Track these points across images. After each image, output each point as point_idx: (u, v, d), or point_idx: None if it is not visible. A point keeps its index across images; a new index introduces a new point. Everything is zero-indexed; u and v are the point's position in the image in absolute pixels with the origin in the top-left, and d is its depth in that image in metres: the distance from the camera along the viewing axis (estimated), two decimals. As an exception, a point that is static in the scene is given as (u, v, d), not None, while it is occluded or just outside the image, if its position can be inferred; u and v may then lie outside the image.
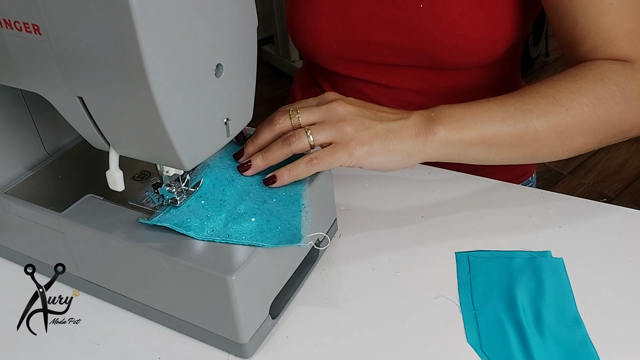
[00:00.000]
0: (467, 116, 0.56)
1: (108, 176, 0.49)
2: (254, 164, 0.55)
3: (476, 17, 0.68)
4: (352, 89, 0.81)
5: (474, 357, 0.50)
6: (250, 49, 0.49)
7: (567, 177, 1.96)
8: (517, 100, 0.57)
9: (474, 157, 0.58)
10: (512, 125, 0.56)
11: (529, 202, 0.66)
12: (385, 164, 0.56)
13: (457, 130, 0.56)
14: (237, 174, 0.55)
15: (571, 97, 0.57)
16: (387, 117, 0.57)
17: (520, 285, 0.56)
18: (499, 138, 0.57)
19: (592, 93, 0.57)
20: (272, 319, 0.53)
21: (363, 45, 0.75)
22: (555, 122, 0.56)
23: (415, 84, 0.77)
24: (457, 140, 0.56)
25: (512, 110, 0.57)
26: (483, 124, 0.56)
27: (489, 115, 0.56)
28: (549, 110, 0.56)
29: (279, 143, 0.54)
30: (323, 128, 0.54)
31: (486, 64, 0.74)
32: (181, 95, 0.42)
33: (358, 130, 0.55)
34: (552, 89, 0.57)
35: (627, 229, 0.62)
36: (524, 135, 0.57)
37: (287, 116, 0.56)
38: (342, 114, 0.55)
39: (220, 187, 0.53)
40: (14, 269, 0.61)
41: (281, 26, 2.47)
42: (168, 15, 0.38)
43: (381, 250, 0.61)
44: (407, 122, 0.56)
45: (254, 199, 0.53)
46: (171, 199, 0.53)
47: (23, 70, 0.45)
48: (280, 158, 0.54)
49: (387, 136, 0.55)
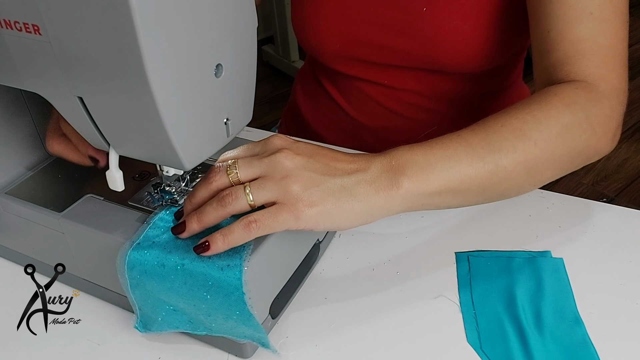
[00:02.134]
0: (431, 162, 0.49)
1: (108, 176, 0.49)
2: (189, 227, 0.47)
3: (478, 23, 0.68)
4: (354, 88, 0.82)
5: (474, 357, 0.50)
6: (250, 49, 0.49)
7: (567, 177, 1.95)
8: (482, 137, 0.51)
9: (439, 205, 0.51)
10: (481, 167, 0.50)
11: (529, 202, 0.66)
12: (340, 225, 0.48)
13: (422, 180, 0.48)
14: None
15: (539, 128, 0.52)
16: (342, 170, 0.48)
17: (520, 285, 0.56)
18: (466, 183, 0.50)
19: (560, 121, 0.53)
20: (272, 319, 0.53)
21: (365, 46, 0.75)
22: (524, 158, 0.51)
23: (417, 85, 0.77)
24: (422, 191, 0.48)
25: (479, 150, 0.50)
26: (449, 170, 0.49)
27: (454, 159, 0.50)
28: (518, 146, 0.51)
29: (213, 203, 0.46)
30: (264, 185, 0.46)
31: (487, 69, 0.74)
32: (181, 95, 0.42)
33: (307, 189, 0.46)
34: (518, 120, 0.52)
35: (627, 229, 0.62)
36: (493, 176, 0.51)
37: (225, 172, 0.47)
38: (288, 168, 0.46)
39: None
40: (14, 269, 0.61)
41: (281, 26, 2.47)
42: (168, 15, 0.38)
43: (381, 250, 0.61)
44: (365, 176, 0.48)
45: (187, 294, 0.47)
46: (171, 199, 0.53)
47: (23, 70, 0.45)
48: (216, 220, 0.47)
49: (342, 194, 0.47)
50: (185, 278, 0.46)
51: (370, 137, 0.84)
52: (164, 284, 0.46)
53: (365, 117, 0.83)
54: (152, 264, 0.46)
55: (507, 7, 0.68)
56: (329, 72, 0.84)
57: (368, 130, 0.84)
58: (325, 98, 0.87)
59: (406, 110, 0.80)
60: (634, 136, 2.10)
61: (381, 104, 0.81)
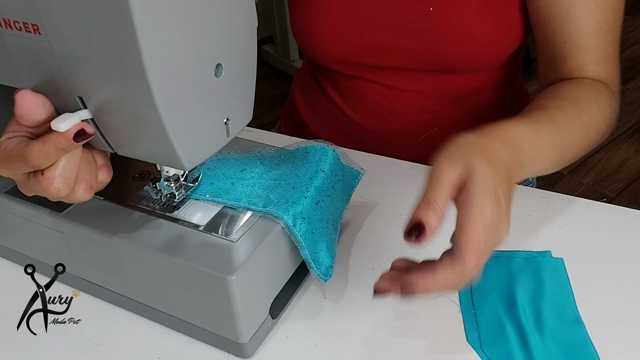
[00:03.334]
0: (542, 157, 0.54)
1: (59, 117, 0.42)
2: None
3: (485, 22, 0.69)
4: (355, 89, 0.81)
5: (474, 357, 0.50)
6: (250, 49, 0.49)
7: (567, 177, 1.95)
8: (570, 137, 0.58)
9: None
10: (559, 162, 0.58)
11: (529, 202, 0.66)
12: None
13: (529, 171, 0.53)
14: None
15: (596, 128, 0.61)
16: (513, 185, 0.48)
17: (520, 285, 0.56)
18: (549, 169, 0.58)
19: (606, 122, 0.62)
20: (272, 319, 0.53)
21: (371, 49, 0.74)
22: (577, 156, 0.61)
23: (420, 85, 0.77)
24: (527, 174, 0.54)
25: (565, 152, 0.58)
26: (544, 165, 0.56)
27: (551, 159, 0.56)
28: (583, 146, 0.60)
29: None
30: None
31: (490, 67, 0.74)
32: (181, 95, 0.42)
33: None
34: (587, 117, 0.60)
35: (627, 229, 0.62)
36: (558, 168, 0.59)
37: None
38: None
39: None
40: (14, 269, 0.61)
41: (281, 26, 2.47)
42: (168, 15, 0.38)
43: (381, 250, 0.61)
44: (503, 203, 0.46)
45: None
46: (169, 193, 0.53)
47: (23, 70, 0.45)
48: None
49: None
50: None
51: (369, 139, 0.84)
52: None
53: (365, 118, 0.83)
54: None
55: (512, 4, 0.68)
56: (330, 74, 0.83)
57: (367, 132, 0.84)
58: (324, 100, 0.87)
59: (407, 112, 0.80)
60: (634, 136, 2.09)
61: (382, 106, 0.80)
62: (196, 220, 0.51)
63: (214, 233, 0.50)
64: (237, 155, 0.58)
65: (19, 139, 0.44)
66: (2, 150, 0.44)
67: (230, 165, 0.56)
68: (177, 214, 0.52)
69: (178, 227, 0.51)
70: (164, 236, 0.50)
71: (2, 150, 0.44)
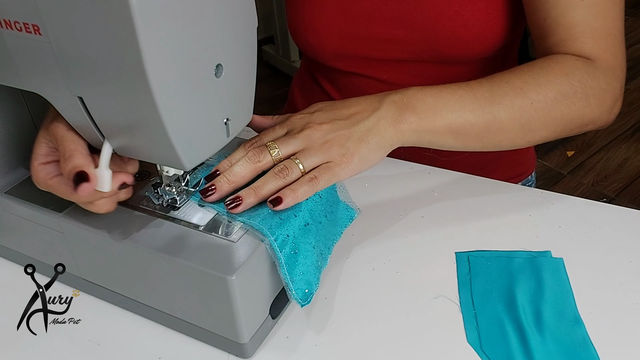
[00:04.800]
0: (438, 104, 0.57)
1: (96, 175, 0.46)
2: (246, 202, 0.51)
3: (477, 8, 0.69)
4: (353, 85, 0.82)
5: (474, 357, 0.50)
6: (250, 49, 0.49)
7: (567, 177, 1.96)
8: (486, 89, 0.58)
9: (442, 145, 0.59)
10: (480, 116, 0.58)
11: (529, 202, 0.66)
12: (375, 161, 0.56)
13: (429, 119, 0.56)
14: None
15: (537, 90, 0.58)
16: (362, 116, 0.56)
17: (520, 285, 0.56)
18: (466, 128, 0.58)
19: (557, 87, 0.59)
20: (272, 319, 0.53)
21: (365, 41, 0.75)
22: (520, 115, 0.58)
23: (416, 79, 0.78)
24: (429, 128, 0.57)
25: (482, 100, 0.58)
26: (453, 113, 0.57)
27: (459, 104, 0.57)
28: (516, 103, 0.58)
29: (270, 178, 0.52)
30: (310, 154, 0.54)
31: (485, 59, 0.74)
32: (181, 95, 0.42)
33: (343, 145, 0.54)
34: (520, 80, 0.59)
35: (627, 229, 0.62)
36: (490, 126, 0.58)
37: (266, 152, 0.54)
38: (322, 137, 0.55)
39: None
40: (14, 269, 0.61)
41: (281, 26, 2.47)
42: (168, 15, 0.38)
43: (381, 250, 0.61)
44: (381, 113, 0.56)
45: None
46: (171, 198, 0.53)
47: (23, 70, 0.45)
48: (275, 191, 0.52)
49: (369, 136, 0.55)
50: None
51: None
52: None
53: None
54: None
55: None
56: (327, 71, 0.84)
57: None
58: (323, 98, 0.87)
59: None
60: (634, 136, 2.10)
61: None
62: (196, 221, 0.51)
63: (214, 233, 0.50)
64: None
65: (56, 171, 0.49)
66: (42, 180, 0.49)
67: None
68: (177, 214, 0.52)
69: (178, 227, 0.51)
70: (164, 236, 0.50)
71: (42, 180, 0.49)
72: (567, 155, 2.04)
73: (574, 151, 2.05)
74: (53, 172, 0.49)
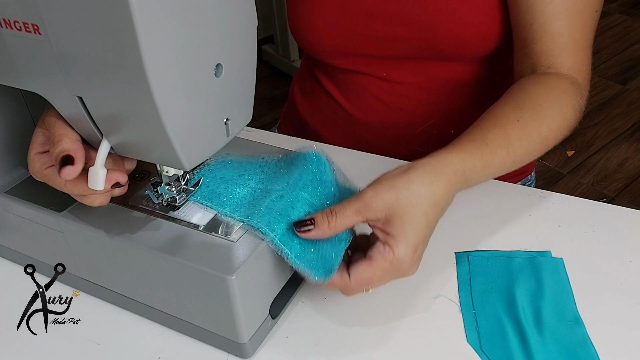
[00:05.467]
0: (484, 172, 0.55)
1: (90, 173, 0.46)
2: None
3: (475, 6, 0.69)
4: (353, 83, 0.82)
5: (474, 357, 0.50)
6: (250, 49, 0.49)
7: (566, 177, 1.95)
8: (524, 149, 0.58)
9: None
10: (512, 163, 0.58)
11: (528, 201, 0.66)
12: None
13: (470, 184, 0.55)
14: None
15: (556, 137, 0.60)
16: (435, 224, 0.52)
17: (520, 285, 0.56)
18: (500, 173, 0.58)
19: (568, 124, 0.61)
20: (272, 319, 0.53)
21: (364, 39, 0.75)
22: (537, 155, 0.60)
23: (415, 77, 0.78)
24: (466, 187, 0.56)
25: (517, 161, 0.58)
26: (490, 175, 0.57)
27: (498, 169, 0.57)
28: (539, 151, 0.60)
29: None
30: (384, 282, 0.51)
31: (485, 57, 0.74)
32: (181, 95, 0.42)
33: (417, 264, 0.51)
34: (547, 129, 0.59)
35: (627, 229, 0.62)
36: (514, 165, 0.59)
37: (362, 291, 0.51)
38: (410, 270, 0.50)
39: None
40: (14, 269, 0.61)
41: (281, 26, 2.47)
42: (168, 15, 0.38)
43: (381, 250, 0.61)
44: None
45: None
46: (170, 197, 0.53)
47: (23, 70, 0.45)
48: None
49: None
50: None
51: (367, 134, 0.85)
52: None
53: (363, 113, 0.83)
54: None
55: None
56: (327, 69, 0.84)
57: (366, 126, 0.84)
58: (323, 96, 0.88)
59: (405, 104, 0.81)
60: (634, 136, 2.09)
61: (379, 99, 0.81)
62: (196, 220, 0.51)
63: (214, 233, 0.50)
64: (241, 159, 0.58)
65: (52, 161, 0.47)
66: (37, 170, 0.49)
67: (230, 168, 0.56)
68: (177, 214, 0.52)
69: (178, 227, 0.51)
70: (164, 236, 0.50)
71: (38, 170, 0.49)
72: (567, 155, 2.04)
73: (574, 151, 2.05)
74: (49, 162, 0.49)
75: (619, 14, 2.86)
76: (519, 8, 0.66)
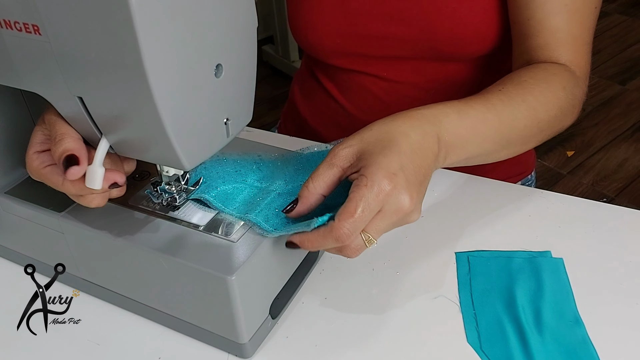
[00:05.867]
0: (469, 136, 0.54)
1: (88, 171, 0.45)
2: (302, 247, 0.48)
3: (474, 6, 0.69)
4: (353, 82, 0.82)
5: (474, 357, 0.50)
6: (250, 49, 0.49)
7: (566, 177, 1.96)
8: (509, 112, 0.57)
9: (467, 164, 0.59)
10: (498, 143, 0.58)
11: (528, 202, 0.66)
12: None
13: (457, 154, 0.54)
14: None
15: (545, 109, 0.60)
16: (428, 165, 0.50)
17: (520, 285, 0.56)
18: (482, 156, 0.58)
19: (559, 104, 0.61)
20: (272, 319, 0.53)
21: (364, 38, 0.76)
22: (526, 134, 0.60)
23: (415, 77, 0.78)
24: (462, 160, 0.56)
25: (503, 127, 0.57)
26: (478, 146, 0.56)
27: (485, 135, 0.56)
28: (527, 125, 0.59)
29: (332, 247, 0.47)
30: (384, 230, 0.48)
31: (484, 57, 0.74)
32: (181, 95, 0.42)
33: (418, 208, 0.49)
34: (533, 98, 0.59)
35: (627, 229, 0.62)
36: (501, 150, 0.59)
37: (361, 241, 0.47)
38: (412, 217, 0.49)
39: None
40: (14, 269, 0.61)
41: (281, 26, 2.47)
42: (168, 15, 0.38)
43: (381, 250, 0.61)
44: (434, 163, 0.51)
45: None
46: (171, 197, 0.53)
47: (23, 70, 0.45)
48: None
49: (426, 182, 0.51)
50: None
51: None
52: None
53: (364, 112, 0.83)
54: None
55: None
56: (327, 69, 0.84)
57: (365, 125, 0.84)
58: (323, 96, 0.88)
59: (404, 104, 0.80)
60: (634, 136, 2.10)
61: (380, 98, 0.81)
62: (196, 221, 0.51)
63: (214, 233, 0.50)
64: (237, 157, 0.58)
65: (50, 160, 0.48)
66: (35, 168, 0.48)
67: (226, 164, 0.56)
68: (177, 214, 0.52)
69: (178, 227, 0.51)
70: (164, 236, 0.50)
71: (35, 169, 0.48)
72: (567, 155, 2.04)
73: (574, 151, 2.05)
74: (47, 161, 0.48)
75: (618, 14, 2.86)
76: (517, 4, 0.66)
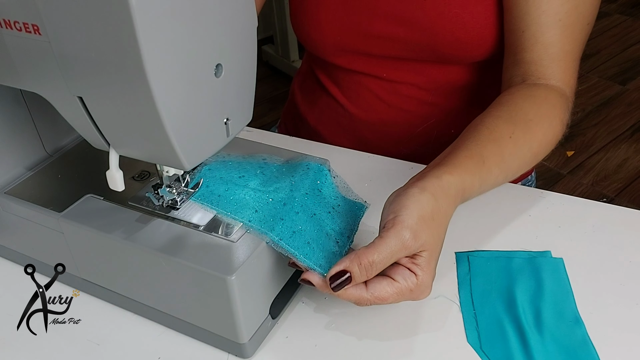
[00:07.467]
0: (481, 188, 0.57)
1: (108, 176, 0.48)
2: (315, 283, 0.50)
3: (476, 11, 0.69)
4: (353, 82, 0.82)
5: (474, 356, 0.50)
6: (250, 49, 0.49)
7: (566, 177, 1.95)
8: (517, 165, 0.60)
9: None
10: (500, 184, 0.60)
11: (529, 202, 0.66)
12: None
13: (469, 197, 0.57)
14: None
15: (545, 151, 0.63)
16: (446, 223, 0.53)
17: (520, 285, 0.56)
18: (493, 188, 0.60)
19: (556, 139, 0.64)
20: (272, 319, 0.53)
21: (366, 37, 0.76)
22: (525, 168, 0.62)
23: (416, 77, 0.78)
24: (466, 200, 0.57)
25: (509, 175, 0.60)
26: (485, 191, 0.59)
27: (493, 184, 0.59)
28: (530, 164, 0.62)
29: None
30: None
31: (485, 60, 0.75)
32: (181, 95, 0.42)
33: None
34: (537, 144, 0.61)
35: (627, 229, 0.62)
36: (506, 180, 0.61)
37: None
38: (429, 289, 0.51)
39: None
40: (14, 269, 0.61)
41: (281, 26, 2.47)
42: (168, 15, 0.38)
43: (381, 250, 0.61)
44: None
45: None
46: (171, 199, 0.53)
47: (23, 70, 0.45)
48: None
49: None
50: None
51: (368, 133, 0.85)
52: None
53: (364, 112, 0.83)
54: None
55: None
56: (328, 68, 0.84)
57: (366, 125, 0.84)
58: (323, 95, 0.88)
59: (405, 104, 0.81)
60: (634, 136, 2.10)
61: (380, 98, 0.81)
62: (196, 220, 0.51)
63: (214, 233, 0.50)
64: (241, 160, 0.58)
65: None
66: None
67: (230, 168, 0.56)
68: (177, 214, 0.52)
69: (178, 227, 0.51)
70: (164, 236, 0.50)
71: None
72: (567, 155, 2.04)
73: (574, 151, 2.05)
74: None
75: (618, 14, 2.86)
76: (513, 15, 0.66)
